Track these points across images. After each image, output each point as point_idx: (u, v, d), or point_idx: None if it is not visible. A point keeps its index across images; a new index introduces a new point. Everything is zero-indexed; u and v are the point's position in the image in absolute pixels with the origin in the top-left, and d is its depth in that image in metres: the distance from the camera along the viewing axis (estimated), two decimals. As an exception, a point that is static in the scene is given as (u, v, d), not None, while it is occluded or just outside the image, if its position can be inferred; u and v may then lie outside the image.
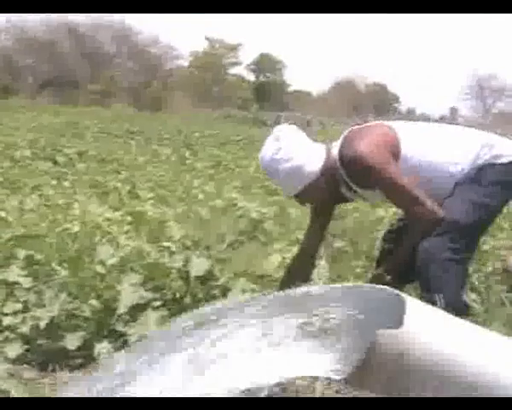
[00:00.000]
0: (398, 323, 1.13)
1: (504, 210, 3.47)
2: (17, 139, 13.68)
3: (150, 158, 13.32)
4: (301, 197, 3.14)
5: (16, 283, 3.54)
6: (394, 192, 2.96)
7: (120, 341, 3.17)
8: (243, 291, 3.37)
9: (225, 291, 3.43)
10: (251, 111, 40.27)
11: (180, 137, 18.96)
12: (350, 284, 1.31)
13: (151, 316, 3.23)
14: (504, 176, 3.01)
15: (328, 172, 3.04)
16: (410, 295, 1.40)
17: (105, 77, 39.80)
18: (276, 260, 4.01)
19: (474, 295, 3.53)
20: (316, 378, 2.88)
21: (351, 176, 3.03)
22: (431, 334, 1.20)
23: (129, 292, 3.31)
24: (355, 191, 3.14)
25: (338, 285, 1.32)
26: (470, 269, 3.39)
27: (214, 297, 3.38)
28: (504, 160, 3.00)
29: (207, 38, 50.58)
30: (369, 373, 1.14)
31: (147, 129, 20.18)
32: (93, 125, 19.75)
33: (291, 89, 56.97)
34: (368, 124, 3.21)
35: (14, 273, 3.58)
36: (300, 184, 3.03)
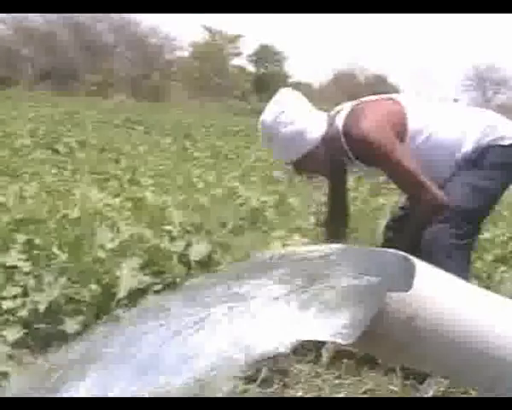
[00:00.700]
0: (408, 286, 1.11)
1: (505, 199, 3.44)
2: (16, 129, 13.64)
3: (150, 148, 13.28)
4: (300, 165, 3.08)
5: (15, 267, 3.52)
6: (399, 175, 2.91)
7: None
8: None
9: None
10: (251, 102, 40.17)
11: (180, 128, 18.91)
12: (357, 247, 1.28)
13: (151, 300, 3.21)
14: (505, 158, 2.97)
15: (329, 141, 2.99)
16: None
17: (104, 67, 39.68)
18: (277, 247, 3.99)
19: (475, 282, 3.52)
20: (323, 343, 2.87)
21: (354, 152, 2.98)
22: (441, 297, 1.17)
23: (129, 276, 3.30)
24: (352, 162, 3.08)
25: (347, 248, 1.29)
26: (472, 256, 3.37)
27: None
28: (506, 142, 2.96)
29: (207, 29, 50.41)
30: (378, 338, 1.11)
31: (147, 119, 20.13)
32: (93, 115, 19.70)
33: (291, 80, 56.85)
34: (377, 98, 3.14)
35: (14, 258, 3.56)
36: (301, 149, 2.96)
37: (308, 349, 3.17)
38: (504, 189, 3.12)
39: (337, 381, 3.04)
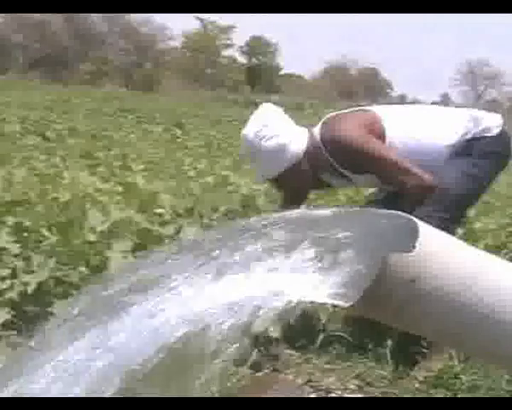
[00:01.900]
0: (411, 247, 1.09)
1: (498, 190, 3.44)
2: (6, 115, 13.55)
3: (142, 136, 13.23)
4: (281, 180, 3.03)
5: (4, 249, 3.48)
6: (383, 167, 2.88)
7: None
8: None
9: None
10: (242, 93, 40.16)
11: (172, 117, 18.85)
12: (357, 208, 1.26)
13: (141, 284, 3.19)
14: (494, 147, 2.98)
15: (311, 155, 2.97)
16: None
17: (97, 56, 39.54)
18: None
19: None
20: (322, 304, 2.85)
21: (339, 160, 2.96)
22: (444, 259, 1.16)
23: (119, 259, 3.26)
24: (342, 175, 3.05)
25: (346, 208, 1.26)
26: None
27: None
28: (494, 132, 2.96)
29: (200, 19, 50.27)
30: (379, 299, 1.09)
31: (138, 108, 20.06)
32: (84, 104, 19.62)
33: (283, 72, 56.84)
34: (351, 110, 3.13)
35: (3, 240, 3.52)
36: (284, 163, 2.93)
37: (299, 335, 3.16)
38: (493, 178, 3.11)
39: (327, 366, 3.03)
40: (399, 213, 1.18)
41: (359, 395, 2.78)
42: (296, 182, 3.02)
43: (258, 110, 3.01)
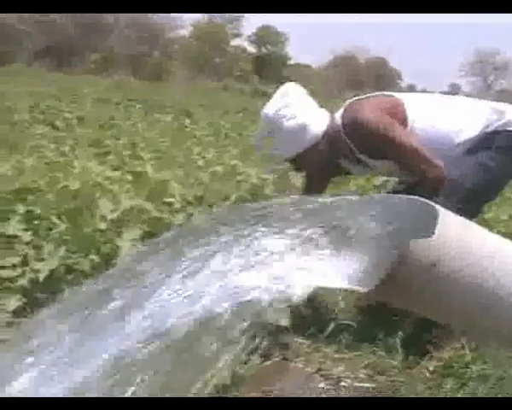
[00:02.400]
0: (431, 232, 1.08)
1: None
2: (15, 104, 13.56)
3: (150, 125, 13.21)
4: (300, 161, 3.05)
5: (15, 236, 3.50)
6: (403, 154, 2.87)
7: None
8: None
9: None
10: (251, 82, 40.06)
11: (180, 106, 18.81)
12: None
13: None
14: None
15: (330, 138, 2.97)
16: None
17: (104, 46, 39.50)
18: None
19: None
20: (340, 290, 2.86)
21: (356, 143, 2.96)
22: (463, 243, 1.15)
23: (129, 247, 3.27)
24: (359, 161, 3.05)
25: (367, 195, 1.26)
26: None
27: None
28: None
29: (208, 8, 50.04)
30: (398, 284, 1.09)
31: (147, 97, 20.02)
32: (92, 93, 19.59)
33: (291, 61, 56.66)
34: (370, 95, 3.13)
35: (14, 227, 3.54)
36: (303, 144, 2.95)
37: (309, 324, 3.16)
38: (510, 176, 3.09)
39: (337, 355, 3.04)
40: (419, 198, 1.18)
41: (369, 385, 2.79)
42: (315, 164, 3.04)
43: (281, 89, 3.01)
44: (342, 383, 2.80)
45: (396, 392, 2.70)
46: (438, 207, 1.14)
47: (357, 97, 3.11)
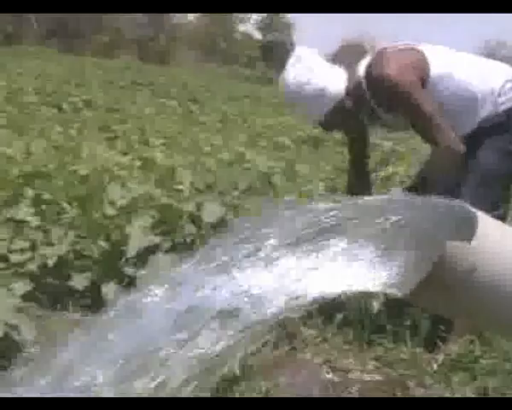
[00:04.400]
0: (470, 237, 1.07)
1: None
2: (23, 85, 13.54)
3: (157, 110, 13.18)
4: (328, 122, 3.04)
5: (24, 221, 3.49)
6: (418, 117, 2.83)
7: (129, 283, 3.14)
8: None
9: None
10: (257, 69, 39.91)
11: (186, 91, 18.77)
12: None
13: (160, 259, 3.18)
14: None
15: (352, 91, 2.95)
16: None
17: (111, 28, 39.32)
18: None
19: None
20: (374, 294, 2.85)
21: (375, 96, 2.93)
22: (505, 249, 1.14)
23: (138, 234, 3.26)
24: (373, 112, 3.02)
25: (402, 196, 1.24)
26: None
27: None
28: None
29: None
30: (435, 289, 1.08)
31: (153, 81, 19.98)
32: (99, 75, 19.56)
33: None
34: (398, 45, 3.07)
35: (23, 212, 3.53)
36: (325, 106, 2.93)
37: (317, 314, 3.15)
38: None
39: (346, 346, 3.03)
40: (458, 201, 1.16)
41: (378, 377, 2.78)
42: (341, 122, 3.03)
43: (292, 55, 2.99)
44: (350, 375, 2.80)
45: (404, 385, 2.70)
46: (477, 211, 1.13)
47: (383, 46, 3.06)
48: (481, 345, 2.84)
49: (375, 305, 3.01)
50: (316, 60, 2.97)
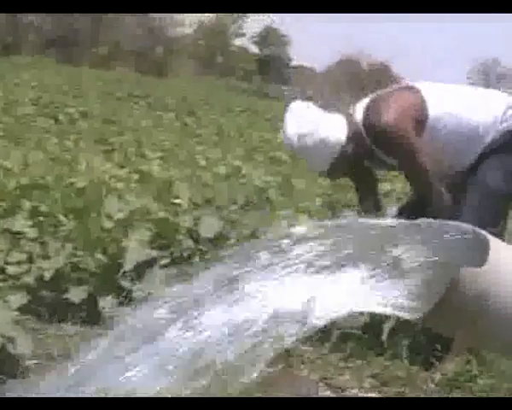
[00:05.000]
0: (482, 262, 1.07)
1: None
2: (19, 96, 13.54)
3: (153, 122, 13.19)
4: (333, 172, 3.05)
5: (21, 233, 3.48)
6: (411, 172, 2.91)
7: (125, 297, 3.13)
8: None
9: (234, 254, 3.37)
10: (253, 83, 40.04)
11: (183, 104, 18.80)
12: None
13: (158, 274, 3.18)
14: None
15: (353, 139, 2.96)
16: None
17: (109, 39, 39.39)
18: (283, 227, 3.93)
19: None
20: (385, 317, 2.84)
21: (376, 143, 2.95)
22: None
23: (136, 248, 3.26)
24: (378, 158, 3.04)
25: (414, 221, 1.24)
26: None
27: (223, 259, 3.31)
28: None
29: (213, 7, 49.95)
30: (448, 312, 1.08)
31: (150, 93, 20.00)
32: (96, 87, 19.58)
33: (294, 63, 56.55)
34: (394, 87, 3.09)
35: (20, 223, 3.52)
36: (328, 156, 2.95)
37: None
38: None
39: (342, 364, 3.02)
40: (470, 226, 1.16)
41: (374, 395, 2.77)
42: (350, 169, 3.05)
43: (289, 110, 3.00)
44: (347, 393, 2.78)
45: (400, 403, 2.68)
46: (489, 235, 1.13)
47: (379, 92, 3.07)
48: (478, 364, 2.83)
49: (386, 327, 3.00)
50: (312, 111, 2.99)
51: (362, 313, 2.42)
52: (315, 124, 2.90)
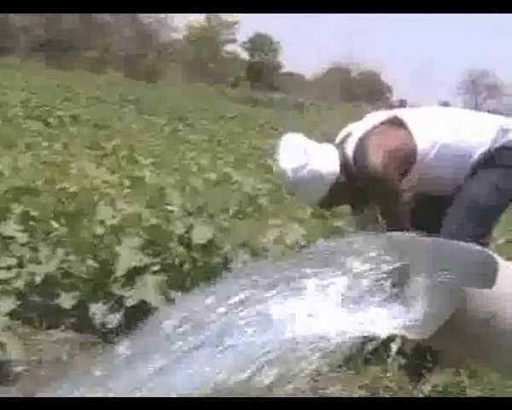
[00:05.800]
0: (490, 284, 1.07)
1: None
2: (9, 98, 13.48)
3: (144, 127, 13.17)
4: (329, 202, 3.06)
5: (11, 237, 3.46)
6: (390, 212, 2.93)
7: (116, 303, 3.12)
8: (244, 263, 3.31)
9: (226, 262, 3.37)
10: (243, 89, 40.09)
11: (174, 109, 18.78)
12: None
13: (149, 280, 3.16)
14: None
15: (345, 169, 2.97)
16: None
17: (100, 44, 39.31)
18: (274, 234, 3.93)
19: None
20: (392, 337, 2.84)
21: (363, 183, 2.97)
22: None
23: (127, 254, 3.24)
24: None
25: (422, 238, 1.23)
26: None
27: (214, 267, 3.31)
28: None
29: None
30: (456, 334, 1.08)
31: (140, 98, 19.97)
32: (86, 91, 19.52)
33: (284, 70, 56.68)
34: (384, 123, 3.08)
35: (10, 228, 3.50)
36: (322, 189, 2.96)
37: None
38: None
39: (333, 374, 3.01)
40: (479, 247, 1.16)
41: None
42: (345, 197, 3.07)
43: (282, 144, 3.02)
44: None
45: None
46: (497, 257, 1.13)
47: (368, 129, 3.06)
48: (468, 377, 2.84)
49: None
50: (305, 143, 3.00)
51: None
52: (308, 156, 2.92)
